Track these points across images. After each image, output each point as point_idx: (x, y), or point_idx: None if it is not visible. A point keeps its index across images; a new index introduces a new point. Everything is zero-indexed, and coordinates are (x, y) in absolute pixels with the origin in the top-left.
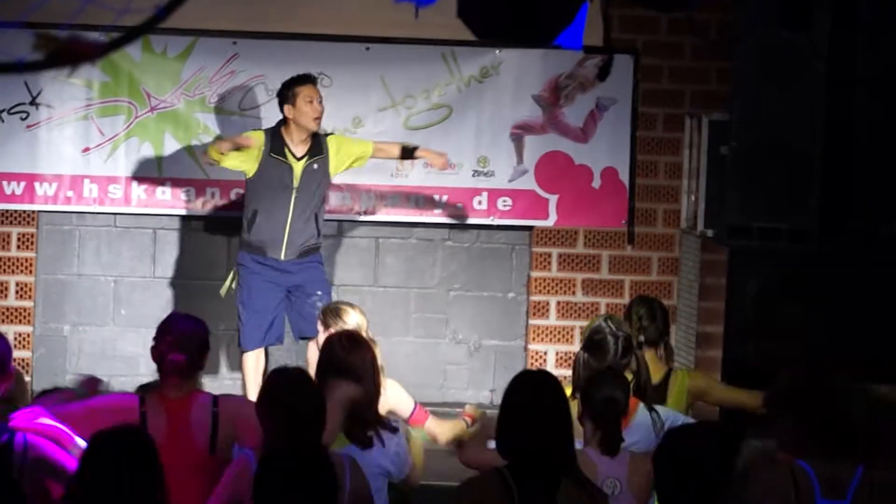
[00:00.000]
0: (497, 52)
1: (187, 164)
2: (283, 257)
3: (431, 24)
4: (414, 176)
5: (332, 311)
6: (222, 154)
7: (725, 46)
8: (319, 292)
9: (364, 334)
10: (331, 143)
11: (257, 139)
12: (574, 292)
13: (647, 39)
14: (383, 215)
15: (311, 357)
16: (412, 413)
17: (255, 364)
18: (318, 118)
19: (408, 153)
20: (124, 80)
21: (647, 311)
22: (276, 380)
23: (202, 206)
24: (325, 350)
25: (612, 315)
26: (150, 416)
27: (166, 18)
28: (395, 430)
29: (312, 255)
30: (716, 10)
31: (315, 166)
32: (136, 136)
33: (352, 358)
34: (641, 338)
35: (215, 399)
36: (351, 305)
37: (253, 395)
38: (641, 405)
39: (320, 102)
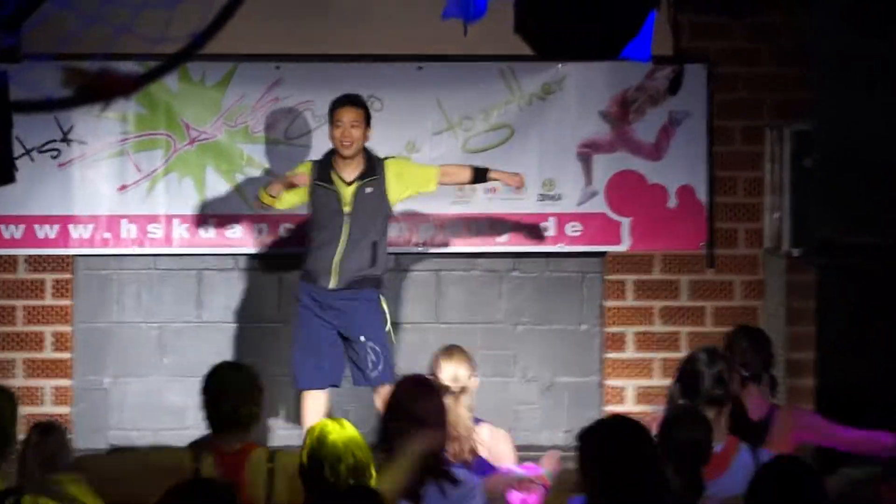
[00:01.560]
0: (559, 66)
1: (232, 199)
2: (331, 286)
3: (488, 40)
4: (476, 202)
5: (434, 358)
6: (274, 197)
7: (805, 52)
8: (363, 338)
9: (461, 383)
10: (389, 166)
11: (306, 172)
12: (652, 322)
13: (720, 47)
14: (443, 246)
15: (379, 405)
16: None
17: (312, 406)
18: (349, 143)
19: (480, 176)
20: (161, 112)
21: (751, 343)
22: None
23: (250, 243)
24: (393, 396)
25: (711, 346)
26: (204, 471)
27: (204, 45)
28: (456, 482)
29: (368, 290)
30: (789, 13)
31: (368, 190)
32: (175, 171)
33: (417, 406)
34: (745, 372)
35: (272, 454)
36: (451, 354)
37: None
38: (743, 445)
39: (356, 126)
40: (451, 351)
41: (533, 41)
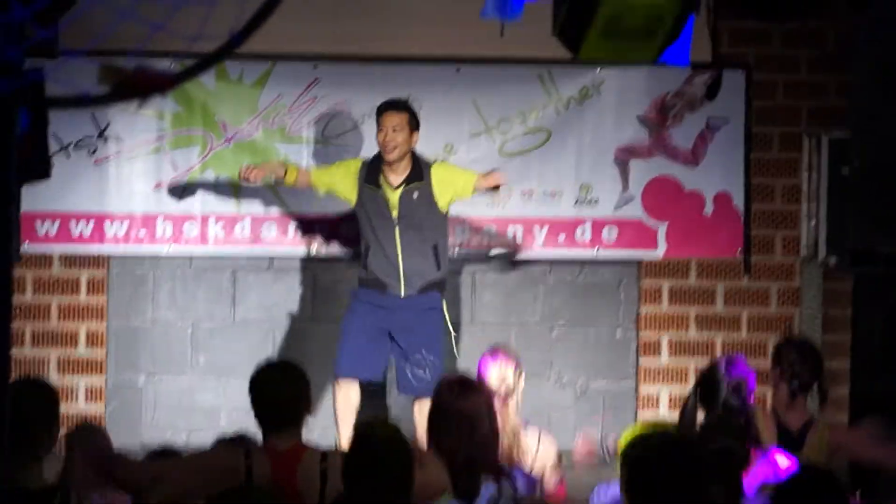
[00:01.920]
0: (597, 70)
1: (268, 198)
2: (403, 294)
3: (526, 43)
4: (512, 206)
5: (481, 359)
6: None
7: (845, 59)
8: (424, 352)
9: (507, 384)
10: (435, 171)
11: (350, 167)
12: (687, 328)
13: (759, 53)
14: (480, 249)
15: (418, 417)
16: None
17: (344, 397)
18: (392, 148)
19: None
20: (198, 110)
21: (798, 355)
22: (364, 437)
23: (285, 243)
24: (436, 396)
25: (733, 356)
26: (257, 472)
27: (241, 44)
28: (511, 477)
29: (432, 294)
30: (833, 18)
31: (415, 195)
32: (211, 169)
33: (461, 404)
34: (795, 383)
35: (324, 454)
36: (494, 354)
37: (344, 431)
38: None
39: (399, 130)
40: (495, 352)
41: (572, 45)
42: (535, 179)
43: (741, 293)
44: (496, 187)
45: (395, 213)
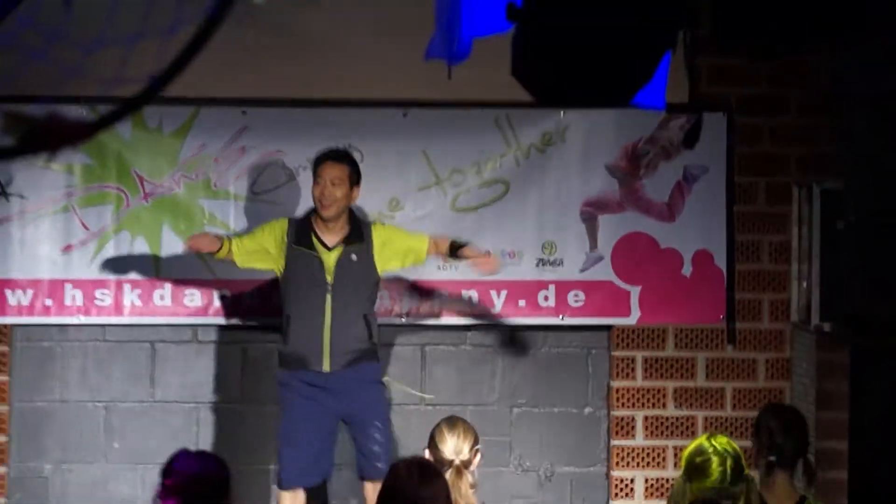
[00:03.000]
0: (561, 114)
1: (191, 263)
2: (327, 368)
3: (481, 85)
4: (465, 269)
5: (436, 430)
6: (223, 252)
7: (838, 100)
8: (378, 423)
9: (462, 458)
10: (377, 232)
11: (275, 229)
12: (664, 405)
13: (742, 94)
14: (430, 317)
15: (370, 497)
16: None
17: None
18: (328, 204)
19: (454, 250)
20: (112, 163)
21: (780, 424)
22: None
23: (211, 312)
24: (390, 478)
25: (715, 434)
26: None
27: (163, 88)
28: None
29: (366, 366)
30: (825, 55)
31: (354, 257)
32: (127, 230)
33: (420, 491)
34: (773, 458)
35: None
36: (454, 425)
37: None
38: None
39: (338, 185)
40: (454, 422)
41: (532, 86)
42: (492, 238)
43: (725, 365)
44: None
45: (329, 278)
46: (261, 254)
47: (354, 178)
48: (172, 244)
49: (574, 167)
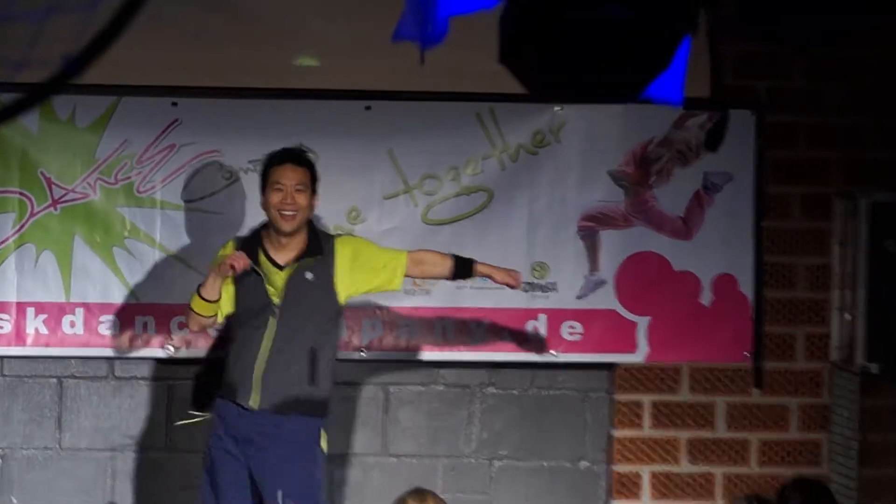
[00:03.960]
0: (557, 109)
1: (108, 283)
2: (254, 404)
3: (461, 73)
4: (438, 293)
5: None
6: (214, 302)
7: (884, 96)
8: (280, 495)
9: None
10: (341, 246)
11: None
12: (677, 459)
13: (774, 87)
14: (395, 351)
15: None
16: None
17: None
18: (292, 214)
19: (464, 269)
20: (14, 163)
21: (806, 500)
22: None
23: (130, 343)
24: None
25: (756, 495)
26: None
27: (79, 73)
28: None
29: (298, 419)
30: (871, 44)
31: (309, 275)
32: (31, 243)
33: None
34: None
35: None
36: (422, 499)
37: None
38: None
39: (302, 191)
40: (422, 496)
41: (521, 74)
42: (471, 256)
43: (750, 412)
44: (467, 274)
45: (276, 300)
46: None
47: (314, 183)
48: (86, 260)
49: (571, 173)
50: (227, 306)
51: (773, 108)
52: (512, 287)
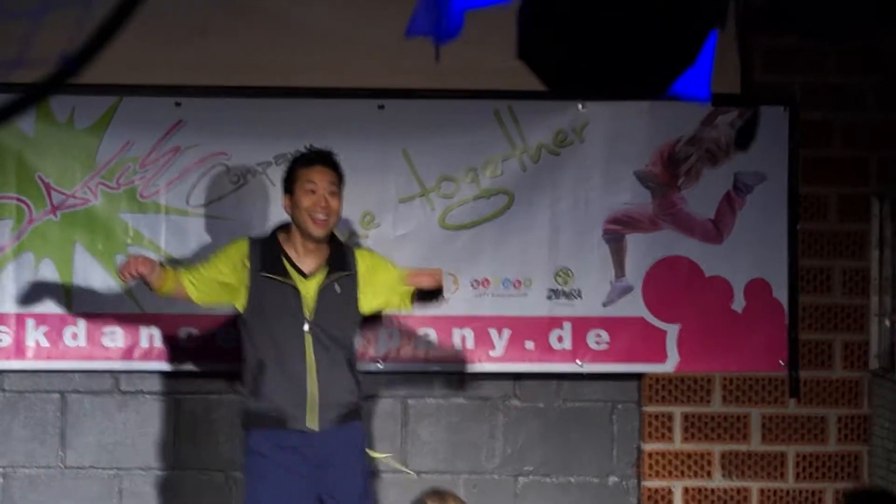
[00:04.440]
0: (580, 107)
1: (111, 293)
2: (314, 426)
3: (479, 70)
4: (457, 301)
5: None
6: (158, 282)
7: None
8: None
9: None
10: (362, 259)
11: (232, 253)
12: (709, 474)
13: (808, 82)
14: (413, 363)
15: None
16: None
17: None
18: (326, 219)
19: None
20: (11, 167)
21: None
22: None
23: (136, 355)
24: None
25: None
26: None
27: (77, 72)
28: None
29: (355, 426)
30: None
31: (337, 288)
32: (30, 251)
33: None
34: None
35: None
36: (442, 500)
37: None
38: None
39: (335, 194)
40: (443, 498)
41: (542, 71)
42: (490, 262)
43: (786, 423)
44: (433, 293)
45: (308, 314)
46: (223, 286)
47: (342, 188)
48: (88, 269)
49: (596, 174)
50: (206, 294)
51: (806, 105)
52: (432, 287)
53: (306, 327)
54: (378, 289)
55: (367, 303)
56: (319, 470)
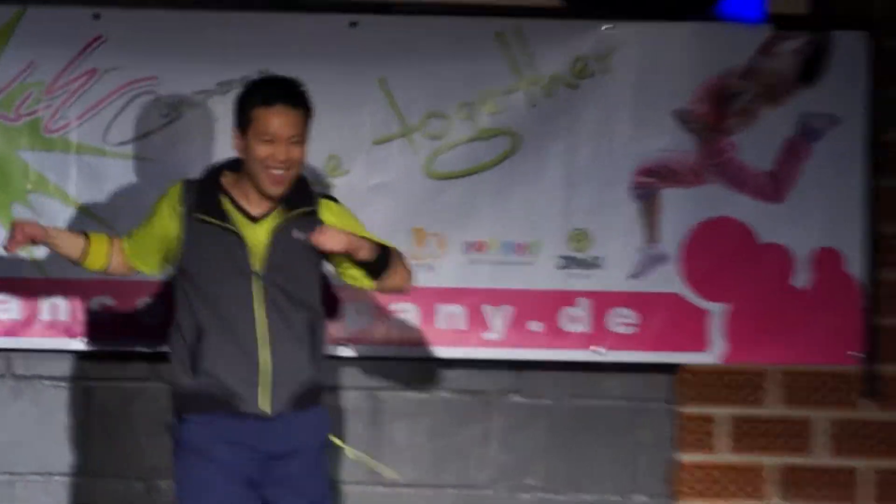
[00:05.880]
0: (604, 29)
1: (5, 252)
2: (266, 408)
3: None
4: (445, 269)
5: None
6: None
7: None
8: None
9: None
10: (325, 210)
11: (164, 204)
12: (763, 493)
13: (893, 2)
14: (387, 346)
15: None
16: None
17: None
18: (281, 175)
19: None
20: None
21: None
22: None
23: (35, 331)
24: None
25: None
26: None
27: None
28: None
29: (315, 411)
30: None
31: (296, 233)
32: None
33: None
34: None
35: None
36: None
37: None
38: None
39: (299, 142)
40: None
41: None
42: (488, 222)
43: (859, 430)
44: (375, 265)
45: (257, 265)
46: (163, 248)
47: (308, 129)
48: None
49: (624, 113)
50: (147, 258)
51: (889, 30)
52: (325, 243)
53: (251, 284)
54: (341, 255)
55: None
56: (269, 466)
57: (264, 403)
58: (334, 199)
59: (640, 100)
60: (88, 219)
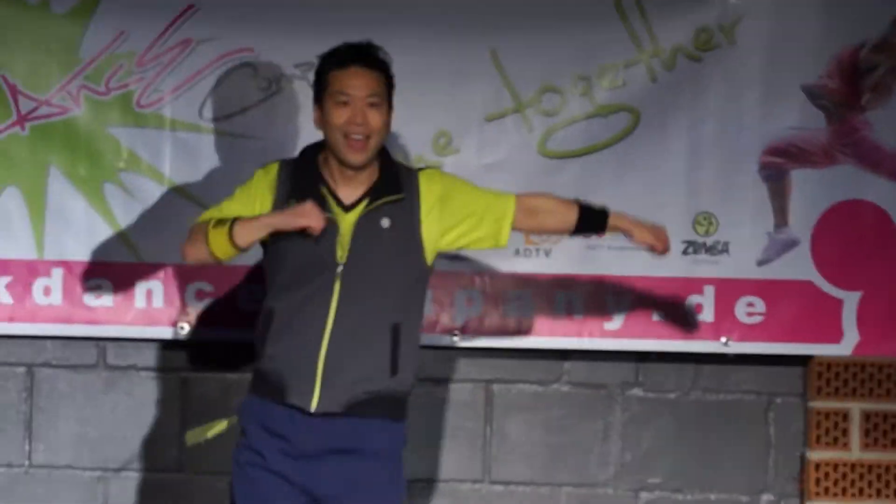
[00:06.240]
0: None
1: (97, 233)
2: (313, 405)
3: None
4: (561, 254)
5: None
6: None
7: None
8: None
9: None
10: (427, 183)
11: (261, 185)
12: None
13: None
14: (499, 337)
15: None
16: None
17: None
18: (362, 138)
19: (592, 220)
20: None
21: None
22: None
23: (129, 318)
24: None
25: None
26: None
27: None
28: None
29: (378, 424)
30: None
31: (385, 223)
32: None
33: None
34: None
35: None
36: None
37: None
38: None
39: (378, 105)
40: None
41: None
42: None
43: None
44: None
45: (340, 253)
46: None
47: (391, 95)
48: (66, 201)
49: (751, 88)
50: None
51: None
52: (657, 252)
53: (335, 274)
54: (458, 219)
55: (441, 239)
56: (310, 468)
57: (311, 399)
58: (436, 169)
59: (767, 74)
60: (184, 199)
